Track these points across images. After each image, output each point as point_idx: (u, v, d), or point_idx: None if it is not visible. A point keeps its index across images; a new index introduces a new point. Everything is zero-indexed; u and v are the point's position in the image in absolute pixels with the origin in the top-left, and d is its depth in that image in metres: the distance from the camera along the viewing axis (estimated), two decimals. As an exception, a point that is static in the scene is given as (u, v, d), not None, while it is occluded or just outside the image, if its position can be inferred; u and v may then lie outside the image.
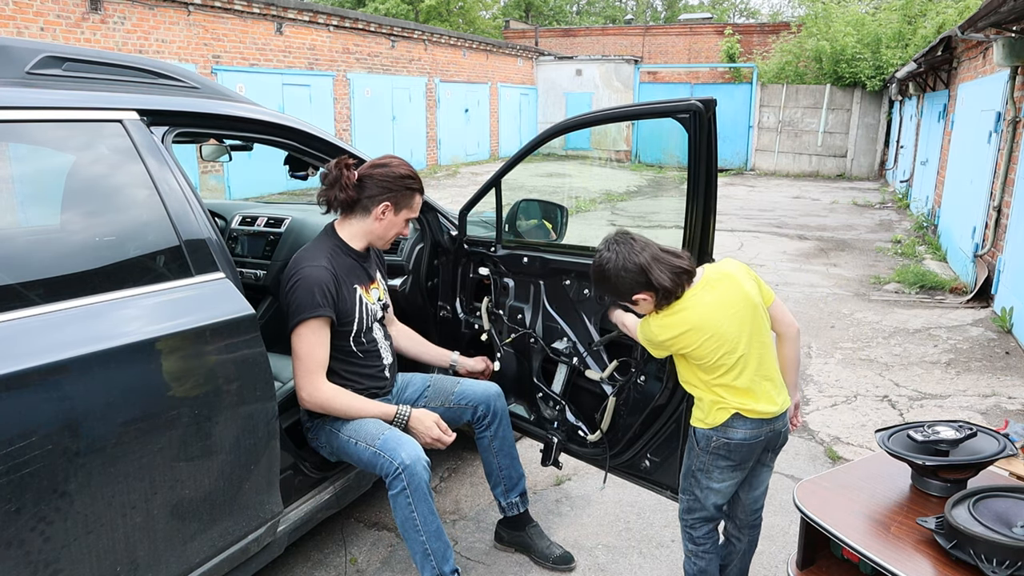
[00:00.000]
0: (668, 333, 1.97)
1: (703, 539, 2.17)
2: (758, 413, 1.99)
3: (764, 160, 19.41)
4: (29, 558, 1.51)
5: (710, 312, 1.95)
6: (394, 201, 2.34)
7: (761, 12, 43.66)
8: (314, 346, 2.26)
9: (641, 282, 1.93)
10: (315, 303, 2.22)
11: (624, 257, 1.94)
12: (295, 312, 2.24)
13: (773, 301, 2.08)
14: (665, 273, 1.92)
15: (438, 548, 2.23)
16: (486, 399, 2.58)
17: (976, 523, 1.56)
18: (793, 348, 2.14)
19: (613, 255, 1.96)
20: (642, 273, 1.92)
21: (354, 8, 25.14)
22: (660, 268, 1.92)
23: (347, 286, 2.33)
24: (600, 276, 2.02)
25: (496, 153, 21.15)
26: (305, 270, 2.26)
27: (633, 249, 1.95)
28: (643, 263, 1.92)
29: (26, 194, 2.12)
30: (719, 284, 1.99)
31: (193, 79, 2.20)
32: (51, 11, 9.81)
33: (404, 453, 2.18)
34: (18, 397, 1.48)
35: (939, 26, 15.12)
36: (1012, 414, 4.04)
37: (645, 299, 1.97)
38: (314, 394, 2.27)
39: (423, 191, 2.45)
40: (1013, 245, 5.76)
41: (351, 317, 2.35)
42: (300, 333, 2.25)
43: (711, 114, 2.06)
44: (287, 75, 13.66)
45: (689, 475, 2.13)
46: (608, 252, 1.98)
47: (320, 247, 2.35)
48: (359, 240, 2.40)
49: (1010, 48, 6.05)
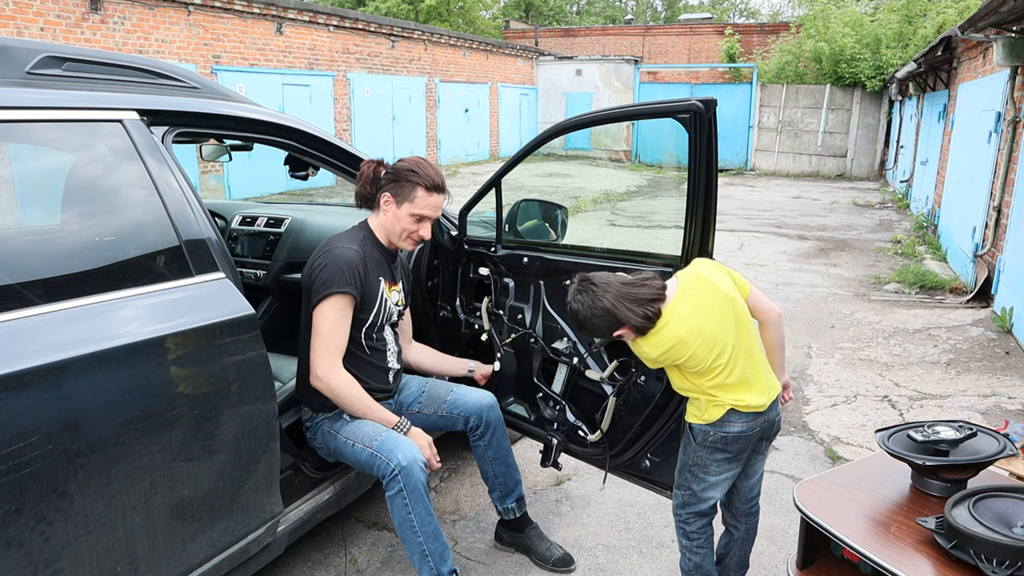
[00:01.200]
0: (658, 350, 2.01)
1: (697, 534, 2.19)
2: (752, 407, 2.03)
3: (764, 160, 19.41)
4: (29, 558, 1.51)
5: (693, 320, 1.98)
6: (394, 192, 2.34)
7: (761, 12, 43.69)
8: (337, 323, 2.26)
9: (613, 322, 1.99)
10: (343, 280, 2.23)
11: (588, 305, 1.99)
12: (321, 287, 2.24)
13: (749, 291, 2.13)
14: (632, 309, 1.96)
15: (436, 549, 2.23)
16: (478, 410, 2.57)
17: (976, 523, 1.56)
18: (776, 332, 2.19)
19: (579, 305, 2.01)
20: (610, 315, 1.97)
21: (354, 8, 25.13)
22: (626, 306, 1.96)
23: (373, 275, 2.36)
24: (577, 324, 2.08)
25: (496, 153, 21.14)
26: (337, 250, 2.29)
27: (596, 295, 1.99)
28: (607, 306, 1.97)
29: (26, 194, 2.12)
30: (694, 290, 2.03)
31: (193, 79, 2.20)
32: (51, 11, 9.81)
33: (401, 455, 2.18)
34: (18, 397, 1.48)
35: (939, 26, 15.13)
36: (1012, 414, 4.04)
37: (625, 333, 2.02)
38: (330, 375, 2.26)
39: (434, 189, 2.34)
40: (1013, 245, 5.76)
41: (371, 307, 2.37)
42: (323, 309, 2.24)
43: (711, 114, 2.06)
44: (287, 75, 13.65)
45: (685, 470, 2.16)
46: (575, 304, 2.03)
47: (353, 235, 2.39)
48: (383, 236, 2.43)
49: (1010, 48, 6.05)
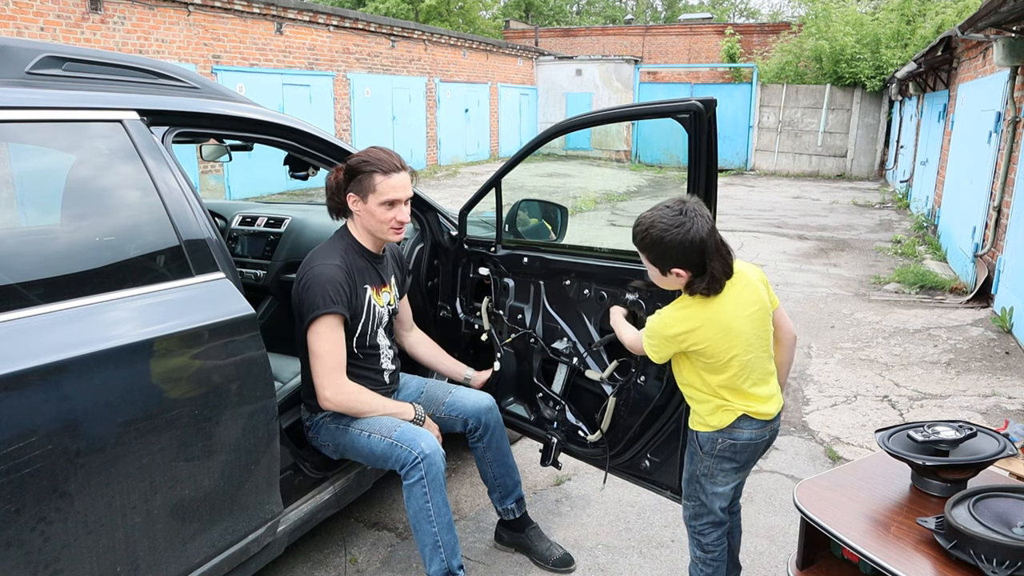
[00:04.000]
0: (683, 326, 1.91)
1: (712, 546, 2.11)
2: (763, 415, 1.99)
3: (764, 160, 19.41)
4: (29, 558, 1.51)
5: (728, 309, 1.91)
6: (356, 190, 2.30)
7: (761, 12, 43.69)
8: (334, 343, 2.25)
9: (692, 260, 1.83)
10: (329, 300, 2.22)
11: (684, 231, 1.81)
12: (309, 309, 2.23)
13: (777, 306, 2.06)
14: (718, 264, 1.84)
15: (449, 541, 2.23)
16: (477, 412, 2.57)
17: (976, 523, 1.56)
18: (789, 354, 2.14)
19: (669, 225, 1.82)
20: (697, 251, 1.81)
21: (354, 8, 25.13)
22: (718, 257, 1.85)
23: (359, 286, 2.34)
24: (648, 240, 1.86)
25: (496, 153, 21.14)
26: (318, 268, 2.26)
27: (698, 225, 1.81)
28: (708, 244, 1.82)
29: (26, 194, 2.12)
30: (737, 283, 1.95)
31: (193, 79, 2.20)
32: (51, 11, 9.81)
33: (424, 443, 2.20)
34: (18, 397, 1.48)
35: (938, 26, 15.13)
36: (1012, 414, 4.04)
37: (680, 276, 1.88)
38: (339, 393, 2.26)
39: (392, 170, 2.28)
40: (1013, 245, 5.76)
41: (358, 318, 2.36)
42: (317, 331, 2.23)
43: (711, 114, 2.06)
44: (287, 75, 13.65)
45: (693, 481, 2.09)
46: (665, 222, 1.83)
47: (334, 246, 2.36)
48: (365, 238, 2.41)
49: (1010, 48, 6.05)
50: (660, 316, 1.99)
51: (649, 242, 1.87)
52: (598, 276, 2.50)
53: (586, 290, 2.57)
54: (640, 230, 1.89)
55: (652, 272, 1.96)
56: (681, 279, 1.90)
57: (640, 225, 1.89)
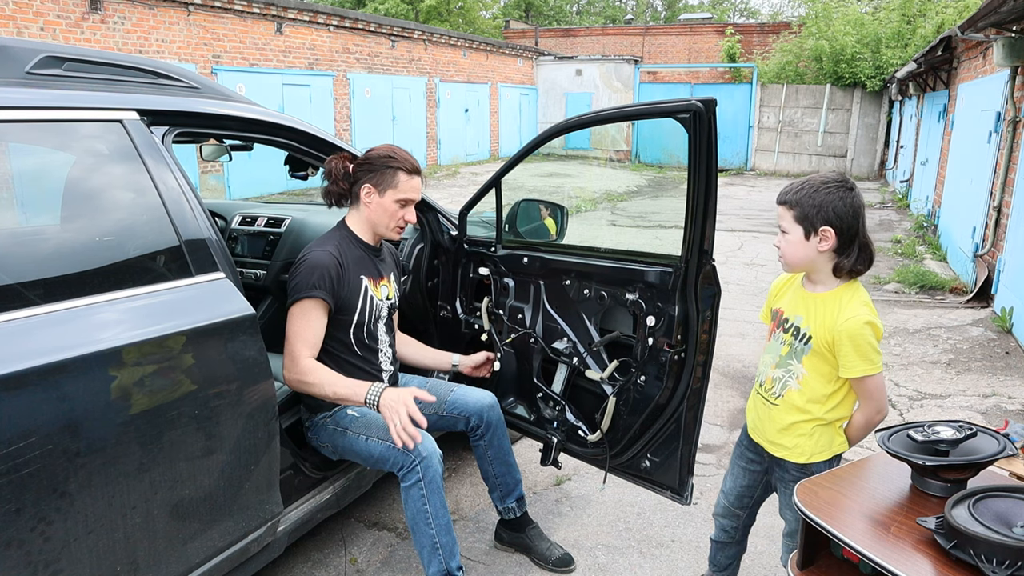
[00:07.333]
0: (872, 309, 1.89)
1: None
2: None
3: (764, 160, 19.41)
4: (29, 558, 1.50)
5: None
6: (375, 182, 2.33)
7: (761, 12, 43.67)
8: (302, 327, 2.26)
9: (845, 222, 1.85)
10: (310, 284, 2.23)
11: (849, 200, 1.85)
12: (291, 293, 2.27)
13: None
14: (864, 230, 1.88)
15: (447, 543, 2.23)
16: (479, 410, 2.57)
17: (976, 523, 1.56)
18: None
19: (834, 188, 1.85)
20: (856, 218, 1.85)
21: (354, 8, 25.13)
22: (863, 223, 1.89)
23: (353, 275, 2.34)
24: (812, 185, 1.87)
25: (496, 153, 21.14)
26: (310, 254, 2.30)
27: (857, 196, 1.87)
28: (857, 207, 1.86)
29: (26, 194, 2.12)
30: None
31: (193, 79, 2.20)
32: (51, 11, 9.81)
33: (421, 446, 2.20)
34: (18, 397, 1.48)
35: (938, 26, 15.13)
36: (1012, 414, 4.04)
37: (828, 234, 1.86)
38: (291, 371, 2.24)
39: (415, 171, 2.36)
40: (1013, 245, 5.76)
41: (352, 307, 2.35)
42: (292, 313, 2.27)
43: (711, 114, 2.06)
44: (287, 75, 13.65)
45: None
46: (830, 187, 1.85)
47: (330, 235, 2.39)
48: (365, 232, 2.41)
49: (1010, 48, 6.05)
50: (870, 314, 1.88)
51: (804, 194, 1.87)
52: (598, 276, 2.51)
53: (586, 290, 2.57)
54: (797, 184, 1.91)
55: (791, 237, 1.92)
56: (827, 242, 1.87)
57: (795, 183, 1.92)
